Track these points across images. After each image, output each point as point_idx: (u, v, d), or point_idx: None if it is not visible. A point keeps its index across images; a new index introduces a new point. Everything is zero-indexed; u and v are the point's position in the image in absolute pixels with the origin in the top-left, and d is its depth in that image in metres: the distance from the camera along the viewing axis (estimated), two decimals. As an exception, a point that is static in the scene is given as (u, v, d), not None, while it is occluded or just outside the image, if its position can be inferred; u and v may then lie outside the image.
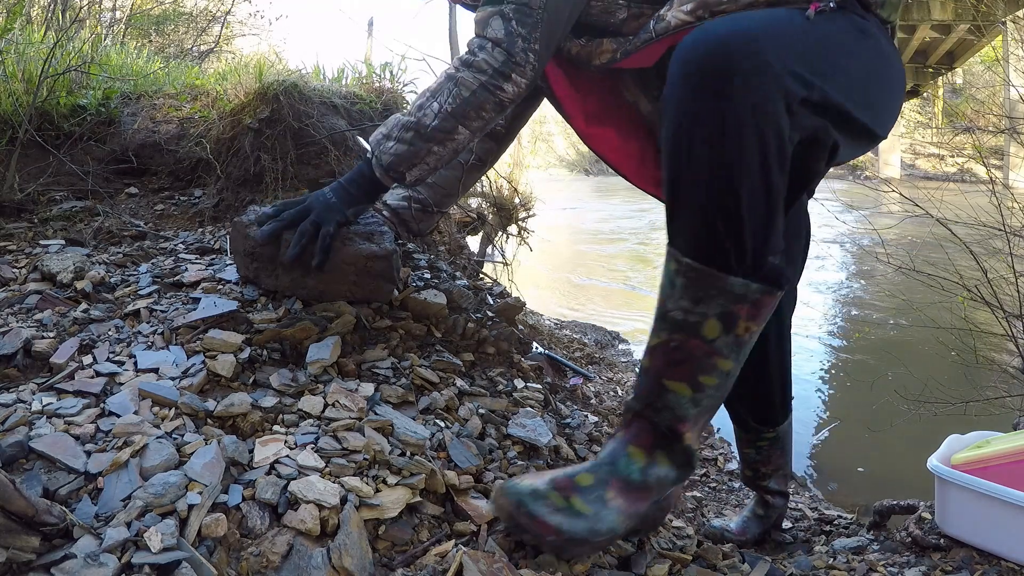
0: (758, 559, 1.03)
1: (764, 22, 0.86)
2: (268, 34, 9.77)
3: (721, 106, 0.81)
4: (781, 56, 0.82)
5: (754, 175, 0.82)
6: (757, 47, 0.81)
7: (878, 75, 0.97)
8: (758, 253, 0.86)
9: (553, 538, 0.89)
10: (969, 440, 1.11)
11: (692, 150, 0.85)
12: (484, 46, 1.05)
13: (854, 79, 0.91)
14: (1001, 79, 3.85)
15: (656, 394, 0.94)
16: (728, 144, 0.82)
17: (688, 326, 0.90)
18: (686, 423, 0.93)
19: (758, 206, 0.84)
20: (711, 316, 0.88)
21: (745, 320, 0.88)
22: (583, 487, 0.92)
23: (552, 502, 0.90)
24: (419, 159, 1.18)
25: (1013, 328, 2.61)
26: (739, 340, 0.90)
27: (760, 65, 0.80)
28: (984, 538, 0.97)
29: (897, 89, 1.02)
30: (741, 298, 0.86)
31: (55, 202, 2.06)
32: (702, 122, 0.83)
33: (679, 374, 0.92)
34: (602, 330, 4.34)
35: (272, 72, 2.36)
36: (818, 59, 0.87)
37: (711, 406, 0.95)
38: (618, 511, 0.91)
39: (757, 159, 0.82)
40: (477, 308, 1.73)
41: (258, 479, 0.93)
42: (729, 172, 0.83)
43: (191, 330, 1.30)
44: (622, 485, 0.93)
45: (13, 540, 0.70)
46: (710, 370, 0.90)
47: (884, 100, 1.00)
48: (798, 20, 0.89)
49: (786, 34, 0.86)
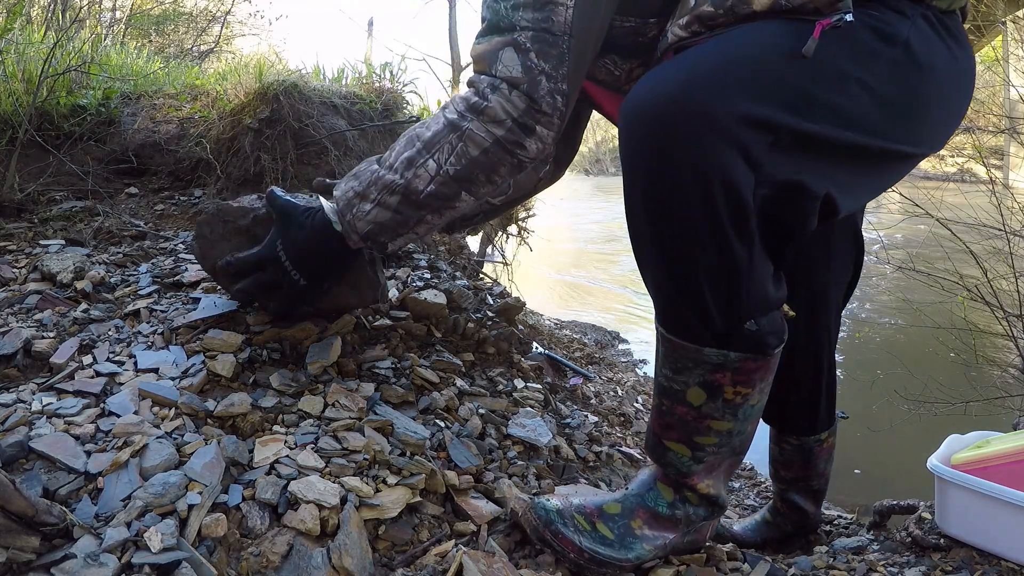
0: (759, 559, 1.03)
1: (729, 56, 0.73)
2: (268, 34, 9.78)
3: (660, 171, 0.72)
4: (736, 100, 0.69)
5: (705, 243, 0.73)
6: (701, 96, 0.69)
7: (898, 91, 0.78)
8: (729, 323, 0.79)
9: (575, 556, 0.89)
10: (969, 440, 1.11)
11: (639, 220, 0.77)
12: (497, 87, 0.80)
13: (855, 105, 0.76)
14: (1001, 79, 3.85)
15: (659, 452, 0.94)
16: (671, 211, 0.73)
17: (673, 393, 0.87)
18: (692, 477, 0.93)
19: (717, 276, 0.75)
20: (692, 384, 0.84)
21: (731, 386, 0.83)
22: (609, 514, 0.93)
23: (577, 524, 0.91)
24: (407, 229, 0.97)
25: (1013, 328, 2.61)
26: (731, 403, 0.85)
27: (699, 120, 0.69)
28: (984, 538, 0.97)
29: (934, 96, 0.82)
30: (720, 367, 0.82)
31: (55, 202, 2.06)
32: (645, 191, 0.75)
33: (674, 436, 0.91)
34: (602, 330, 4.34)
35: (272, 72, 2.36)
36: (792, 92, 0.73)
37: (720, 460, 0.93)
38: (645, 540, 0.92)
39: (705, 225, 0.72)
40: (477, 308, 1.73)
41: (258, 479, 0.93)
42: (677, 243, 0.75)
43: (191, 330, 1.30)
44: (649, 516, 0.93)
45: (13, 540, 0.70)
46: (704, 432, 0.87)
47: (910, 115, 0.81)
48: (785, 44, 0.73)
49: (756, 69, 0.72)
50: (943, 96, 0.84)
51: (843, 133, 0.75)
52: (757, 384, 0.86)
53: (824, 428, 1.27)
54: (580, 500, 0.96)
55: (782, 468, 1.32)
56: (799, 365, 1.21)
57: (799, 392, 1.23)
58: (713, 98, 0.69)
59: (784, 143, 0.72)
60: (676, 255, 0.76)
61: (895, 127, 0.79)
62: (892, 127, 0.79)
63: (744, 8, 0.76)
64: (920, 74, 0.79)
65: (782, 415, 1.28)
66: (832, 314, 1.20)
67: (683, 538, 0.96)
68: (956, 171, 3.96)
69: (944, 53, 0.82)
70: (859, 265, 1.18)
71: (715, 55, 0.74)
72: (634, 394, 2.82)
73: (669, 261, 0.77)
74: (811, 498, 1.33)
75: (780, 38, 0.74)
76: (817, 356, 1.21)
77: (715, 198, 0.71)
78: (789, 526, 1.35)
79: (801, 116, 0.72)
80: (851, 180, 0.80)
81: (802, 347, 1.18)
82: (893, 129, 0.79)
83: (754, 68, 0.72)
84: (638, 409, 2.50)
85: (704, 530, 0.99)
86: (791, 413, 1.27)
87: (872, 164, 0.81)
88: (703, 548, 0.99)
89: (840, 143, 0.75)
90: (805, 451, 1.28)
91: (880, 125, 0.78)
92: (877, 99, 0.76)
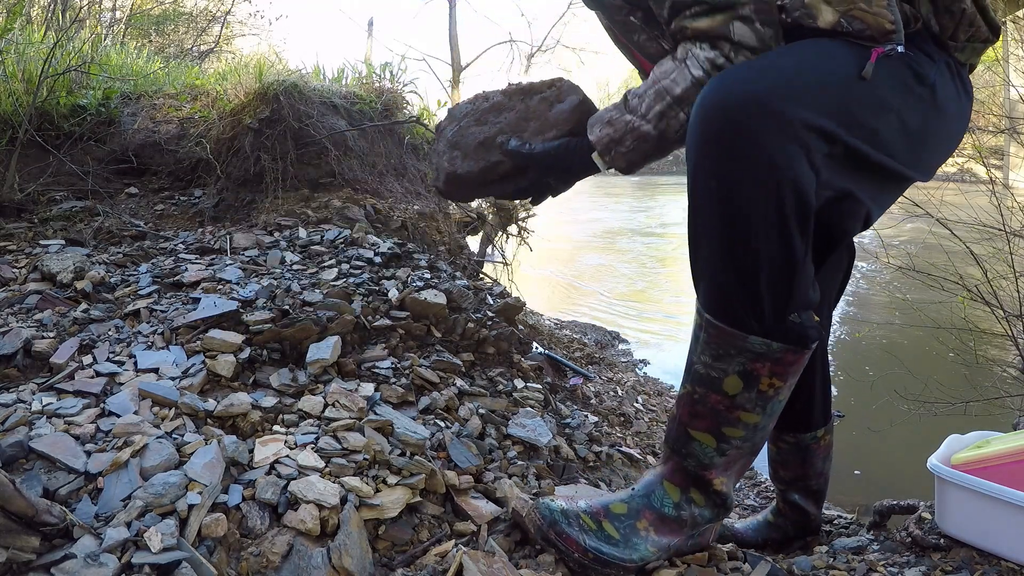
0: (759, 559, 1.03)
1: (802, 68, 0.82)
2: (268, 34, 9.78)
3: (734, 163, 0.79)
4: (805, 107, 0.78)
5: (771, 234, 0.80)
6: (777, 99, 0.78)
7: (919, 125, 0.89)
8: (778, 313, 0.84)
9: (579, 555, 0.90)
10: (969, 440, 1.11)
11: (706, 209, 0.84)
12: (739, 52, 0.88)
13: (888, 131, 0.86)
14: (1001, 79, 3.85)
15: (682, 442, 0.96)
16: (741, 202, 0.80)
17: (709, 380, 0.90)
18: (713, 470, 0.95)
19: (776, 268, 0.81)
20: (731, 373, 0.88)
21: (768, 377, 0.87)
22: (615, 514, 0.94)
23: (583, 523, 0.92)
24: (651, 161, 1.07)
25: (1013, 328, 2.61)
26: (763, 395, 0.89)
27: (775, 119, 0.77)
28: (984, 538, 0.97)
29: (941, 134, 0.94)
30: (761, 356, 0.86)
31: (55, 202, 2.06)
32: (717, 182, 0.82)
33: (702, 425, 0.93)
34: (602, 330, 4.34)
35: (272, 72, 2.36)
36: (847, 111, 0.82)
37: (739, 456, 0.95)
38: (650, 542, 0.93)
39: (773, 217, 0.79)
40: (477, 308, 1.73)
41: (258, 479, 0.93)
42: (743, 232, 0.81)
43: (191, 330, 1.30)
44: (655, 517, 0.95)
45: (13, 540, 0.70)
46: (734, 423, 0.91)
47: (922, 147, 0.92)
48: (846, 66, 0.83)
49: (822, 83, 0.82)
50: (946, 136, 0.96)
51: (876, 154, 0.84)
52: (789, 379, 0.90)
53: (820, 425, 1.28)
54: (586, 503, 0.97)
55: (780, 468, 1.33)
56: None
57: (796, 389, 1.25)
58: (787, 102, 0.78)
59: (837, 155, 0.82)
60: (741, 244, 0.81)
61: (910, 155, 0.89)
62: (908, 155, 0.89)
63: (809, 22, 0.87)
64: (936, 113, 0.90)
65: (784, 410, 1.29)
66: (824, 310, 1.23)
67: (687, 541, 0.97)
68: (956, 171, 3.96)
69: (955, 99, 0.93)
70: (850, 267, 1.25)
71: (789, 65, 0.83)
72: (634, 394, 2.82)
73: (732, 250, 0.83)
74: (812, 499, 1.34)
75: (841, 59, 0.84)
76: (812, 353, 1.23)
77: (784, 193, 0.78)
78: (791, 527, 1.36)
79: (851, 133, 0.81)
80: (880, 197, 0.90)
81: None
82: (908, 156, 0.89)
83: (820, 83, 0.82)
84: (638, 409, 2.50)
85: (708, 533, 0.99)
86: (787, 411, 1.28)
87: (892, 185, 0.92)
88: (706, 549, 0.99)
89: (873, 161, 0.84)
90: (802, 449, 1.29)
91: (902, 152, 0.87)
92: (905, 129, 0.86)
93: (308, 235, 1.92)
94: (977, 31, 0.92)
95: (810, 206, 0.80)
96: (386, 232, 2.15)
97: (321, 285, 1.56)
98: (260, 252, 1.80)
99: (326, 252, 1.81)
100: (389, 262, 1.80)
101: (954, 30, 0.90)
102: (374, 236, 1.97)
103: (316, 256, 1.79)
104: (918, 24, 0.90)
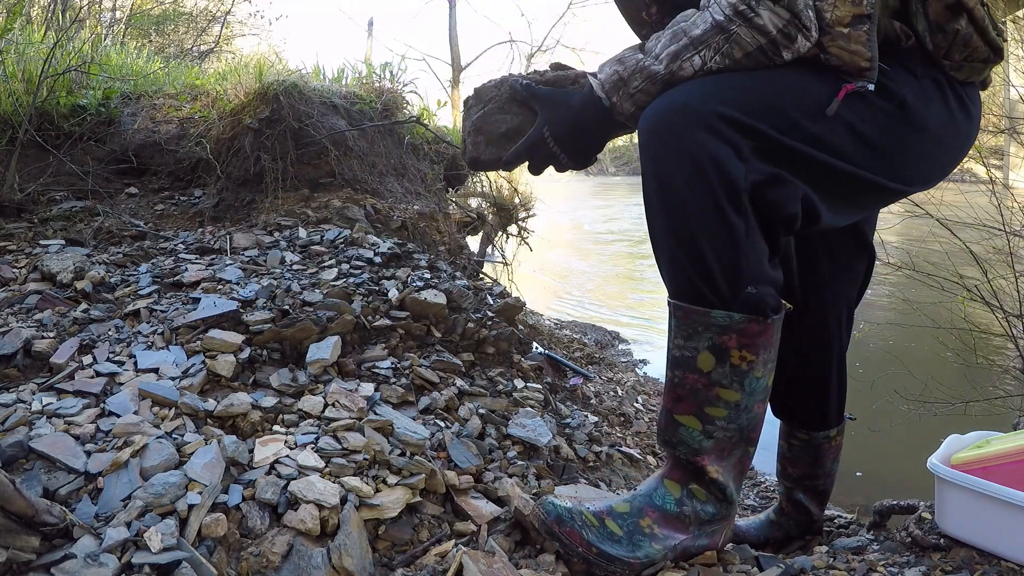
0: (772, 561, 1.03)
1: (730, 79, 0.89)
2: (268, 34, 9.78)
3: (662, 158, 0.89)
4: (715, 103, 0.86)
5: (706, 212, 0.87)
6: (691, 98, 0.87)
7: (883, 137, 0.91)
8: (732, 285, 0.89)
9: (583, 550, 0.91)
10: (969, 440, 1.11)
11: (652, 201, 0.93)
12: (763, 4, 0.87)
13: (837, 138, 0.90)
14: (1001, 79, 3.85)
15: (671, 429, 0.98)
16: (675, 189, 0.89)
17: (684, 361, 0.95)
18: (703, 456, 0.96)
19: (720, 243, 0.88)
20: (702, 349, 0.93)
21: (737, 349, 0.91)
22: (618, 513, 0.96)
23: (585, 519, 0.94)
24: None
25: (1013, 328, 2.61)
26: (737, 369, 0.92)
27: (693, 114, 0.86)
28: (984, 538, 0.97)
29: (918, 151, 0.95)
30: (727, 328, 0.91)
31: (55, 202, 2.06)
32: (655, 175, 0.91)
33: (685, 408, 0.96)
34: (602, 330, 4.35)
35: (272, 72, 2.36)
36: (781, 114, 0.88)
37: (728, 438, 0.96)
38: (655, 540, 0.94)
39: (704, 197, 0.86)
40: (477, 308, 1.73)
41: (258, 479, 0.93)
42: (682, 215, 0.89)
43: (191, 330, 1.30)
44: (658, 515, 0.96)
45: (13, 540, 0.70)
46: (714, 401, 0.94)
47: (893, 158, 0.94)
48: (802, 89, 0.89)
49: (745, 89, 0.88)
50: (927, 153, 0.97)
51: (819, 154, 0.88)
52: (760, 352, 0.93)
53: (833, 425, 1.29)
54: (590, 504, 0.98)
55: (790, 465, 1.33)
56: (812, 357, 1.25)
57: (811, 384, 1.28)
58: (708, 102, 0.86)
59: (768, 150, 0.87)
60: (683, 226, 0.89)
61: (875, 163, 0.92)
62: (872, 163, 0.92)
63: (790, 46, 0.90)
64: (909, 128, 0.92)
65: (793, 408, 1.30)
66: (842, 309, 1.26)
67: (694, 540, 0.97)
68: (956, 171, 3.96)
69: (942, 117, 0.95)
70: (870, 267, 1.27)
71: (738, 80, 0.89)
72: (634, 394, 2.82)
73: (678, 233, 0.90)
74: (816, 499, 1.34)
75: (797, 81, 0.89)
76: (827, 350, 1.26)
77: (707, 172, 0.85)
78: (793, 527, 1.36)
79: (783, 134, 0.87)
80: (831, 193, 0.93)
81: (814, 340, 1.23)
82: (873, 164, 0.92)
83: (743, 88, 0.88)
84: (638, 409, 2.50)
85: (716, 535, 1.00)
86: (803, 407, 1.29)
87: (848, 186, 0.94)
88: (716, 551, 0.99)
89: (817, 160, 0.89)
90: (814, 447, 1.30)
91: (857, 158, 0.90)
92: (859, 137, 0.90)
93: (308, 235, 1.92)
94: (974, 51, 0.93)
95: (736, 185, 0.86)
96: (386, 232, 2.15)
97: (321, 285, 1.56)
98: (260, 252, 1.80)
99: (326, 252, 1.81)
100: (389, 262, 1.80)
101: (947, 49, 0.92)
102: (374, 236, 1.97)
103: (316, 256, 1.79)
104: (910, 41, 0.92)
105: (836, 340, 1.25)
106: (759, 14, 0.88)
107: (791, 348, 1.23)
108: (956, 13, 0.90)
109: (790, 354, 1.23)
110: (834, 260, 1.22)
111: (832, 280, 1.22)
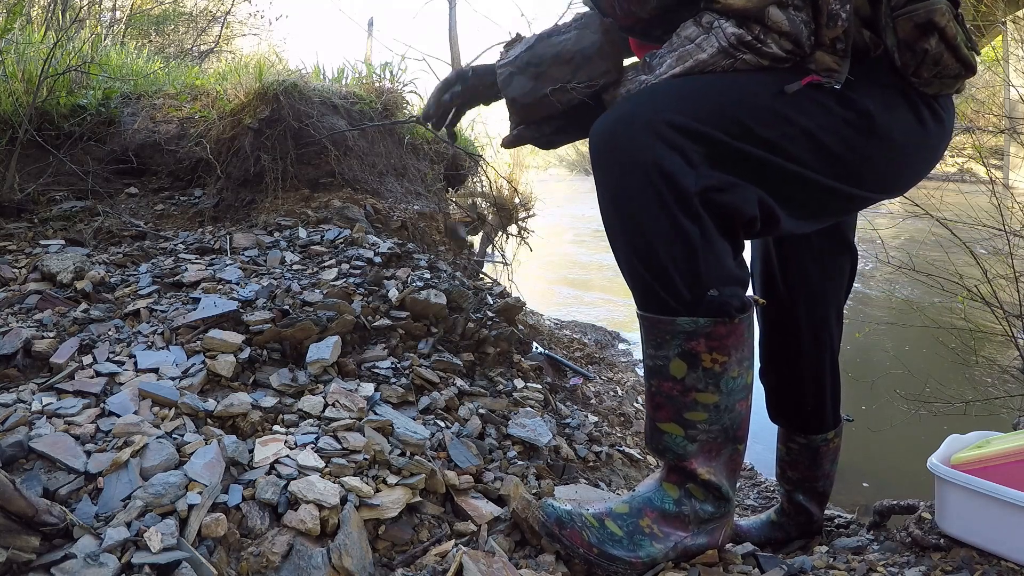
0: (774, 563, 1.03)
1: (682, 86, 0.90)
2: (268, 34, 9.74)
3: (612, 169, 0.90)
4: (663, 111, 0.86)
5: (659, 220, 0.87)
6: (638, 108, 0.88)
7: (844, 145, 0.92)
8: (694, 290, 0.89)
9: (584, 551, 0.91)
10: (969, 440, 1.11)
11: (608, 213, 0.93)
12: (769, 34, 0.91)
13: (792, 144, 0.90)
14: (1001, 79, 3.85)
15: (656, 437, 0.99)
16: (626, 199, 0.89)
17: (658, 370, 0.95)
18: (691, 460, 0.97)
19: (676, 251, 0.88)
20: (673, 357, 0.93)
21: (708, 352, 0.91)
22: (618, 513, 0.96)
23: (585, 520, 0.94)
24: None
25: (1013, 328, 2.61)
26: (711, 372, 0.92)
27: (639, 123, 0.87)
28: (984, 538, 0.97)
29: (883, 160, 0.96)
30: (693, 334, 0.91)
31: (55, 202, 2.06)
32: (607, 188, 0.92)
33: (665, 415, 0.96)
34: (602, 330, 4.35)
35: (272, 72, 2.36)
36: (734, 120, 0.88)
37: (715, 442, 0.96)
38: (655, 540, 0.94)
39: (654, 205, 0.87)
40: (477, 308, 1.73)
41: (258, 479, 0.93)
42: (636, 224, 0.89)
43: (191, 330, 1.30)
44: (657, 515, 0.97)
45: (13, 540, 0.70)
46: (692, 406, 0.94)
47: (855, 166, 0.94)
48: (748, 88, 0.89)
49: (700, 97, 0.89)
50: (891, 161, 0.97)
51: (773, 158, 0.89)
52: (732, 353, 0.93)
53: (830, 428, 1.29)
54: (590, 506, 0.99)
55: (789, 468, 1.34)
56: (804, 362, 1.25)
57: (806, 388, 1.28)
58: (656, 111, 0.87)
59: (719, 155, 0.88)
60: (639, 235, 0.89)
61: (835, 170, 0.92)
62: (832, 169, 0.92)
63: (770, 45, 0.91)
64: (872, 138, 0.92)
65: (790, 413, 1.30)
66: (831, 311, 1.25)
67: (694, 539, 0.97)
68: (956, 171, 3.95)
69: (909, 128, 0.95)
70: (854, 268, 1.27)
71: (692, 86, 0.90)
72: (634, 394, 2.82)
73: (634, 243, 0.90)
74: (816, 501, 1.35)
75: (759, 82, 0.90)
76: (820, 353, 1.25)
77: (655, 181, 0.86)
78: (794, 528, 1.36)
79: (734, 138, 0.88)
80: (789, 198, 0.92)
81: (805, 344, 1.23)
82: (833, 171, 0.92)
83: (697, 94, 0.89)
84: (638, 409, 2.50)
85: (716, 533, 1.00)
86: (799, 411, 1.29)
87: (807, 192, 0.93)
88: (717, 550, 0.99)
89: (772, 164, 0.89)
90: (812, 450, 1.30)
91: (815, 164, 0.91)
92: (818, 145, 0.90)
93: (308, 235, 1.92)
94: (945, 68, 0.93)
95: (685, 190, 0.86)
96: (386, 232, 2.15)
97: (321, 285, 1.56)
98: (260, 252, 1.80)
99: (326, 252, 1.81)
100: (389, 262, 1.80)
101: (916, 67, 0.92)
102: (374, 236, 1.97)
103: (316, 256, 1.79)
104: (879, 50, 0.93)
105: (827, 343, 1.26)
106: (767, 44, 0.91)
107: (783, 353, 1.26)
108: (926, 32, 0.90)
109: (783, 359, 1.27)
110: (820, 264, 1.22)
111: (820, 283, 1.23)
